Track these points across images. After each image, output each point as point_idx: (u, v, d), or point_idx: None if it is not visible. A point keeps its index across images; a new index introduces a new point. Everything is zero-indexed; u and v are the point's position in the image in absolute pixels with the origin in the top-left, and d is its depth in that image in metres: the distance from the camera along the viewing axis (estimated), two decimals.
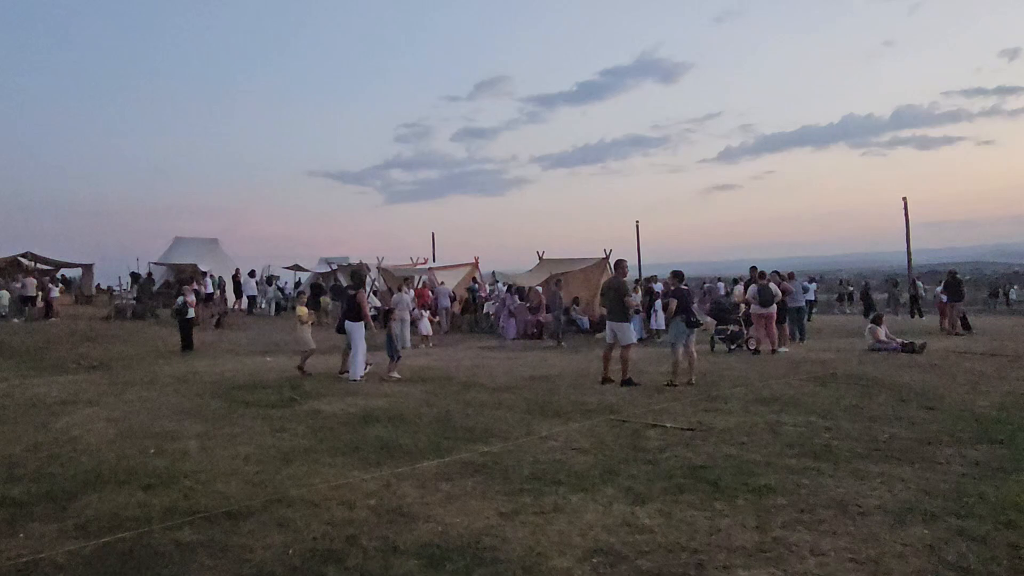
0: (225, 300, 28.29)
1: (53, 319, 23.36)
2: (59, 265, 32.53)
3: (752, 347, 14.05)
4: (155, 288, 28.89)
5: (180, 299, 17.52)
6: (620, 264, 10.41)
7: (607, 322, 10.29)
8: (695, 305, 10.15)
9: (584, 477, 5.51)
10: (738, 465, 5.79)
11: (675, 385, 9.77)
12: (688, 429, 7.09)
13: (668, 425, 7.27)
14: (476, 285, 26.07)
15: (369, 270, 28.56)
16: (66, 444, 6.76)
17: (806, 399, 8.68)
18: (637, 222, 38.52)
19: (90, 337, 19.30)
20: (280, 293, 29.33)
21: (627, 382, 9.92)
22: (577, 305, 22.14)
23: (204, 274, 27.90)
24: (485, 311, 23.34)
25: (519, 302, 21.11)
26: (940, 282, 21.18)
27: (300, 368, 11.53)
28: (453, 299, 23.78)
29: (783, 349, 13.81)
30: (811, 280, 25.40)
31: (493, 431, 7.19)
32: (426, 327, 18.30)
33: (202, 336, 19.57)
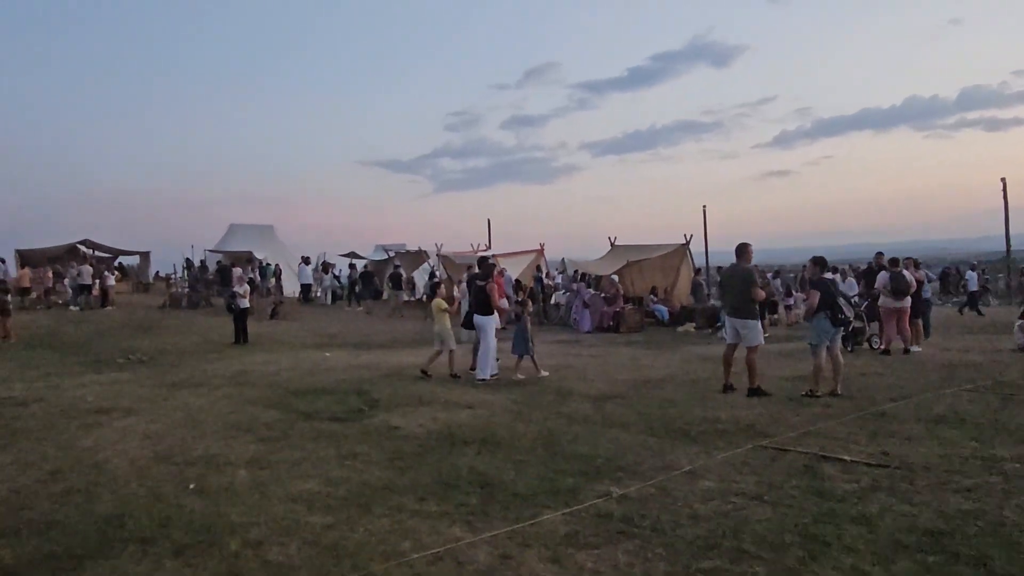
0: (281, 289, 27.40)
1: (109, 307, 22.77)
2: (117, 253, 32.25)
3: (878, 346, 12.13)
4: (209, 275, 28.22)
5: (233, 290, 16.44)
6: (744, 249, 8.55)
7: (728, 319, 8.58)
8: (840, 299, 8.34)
9: (779, 547, 3.88)
10: (993, 529, 4.07)
11: (816, 395, 8.02)
12: (880, 465, 5.36)
13: (847, 458, 5.56)
14: (541, 274, 24.45)
15: (428, 257, 27.29)
16: (90, 471, 5.45)
17: (1004, 420, 6.82)
18: (704, 206, 36.08)
19: (143, 327, 18.48)
20: (336, 281, 28.23)
21: (755, 391, 8.21)
22: (655, 295, 20.38)
23: (258, 262, 27.05)
24: (554, 302, 21.69)
25: (592, 292, 19.45)
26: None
27: (453, 374, 10.12)
28: (517, 288, 22.13)
29: (916, 348, 11.85)
30: (972, 268, 21.89)
31: (617, 461, 5.61)
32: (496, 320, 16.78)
33: (257, 327, 18.52)
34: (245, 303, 15.83)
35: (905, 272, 11.65)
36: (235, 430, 6.71)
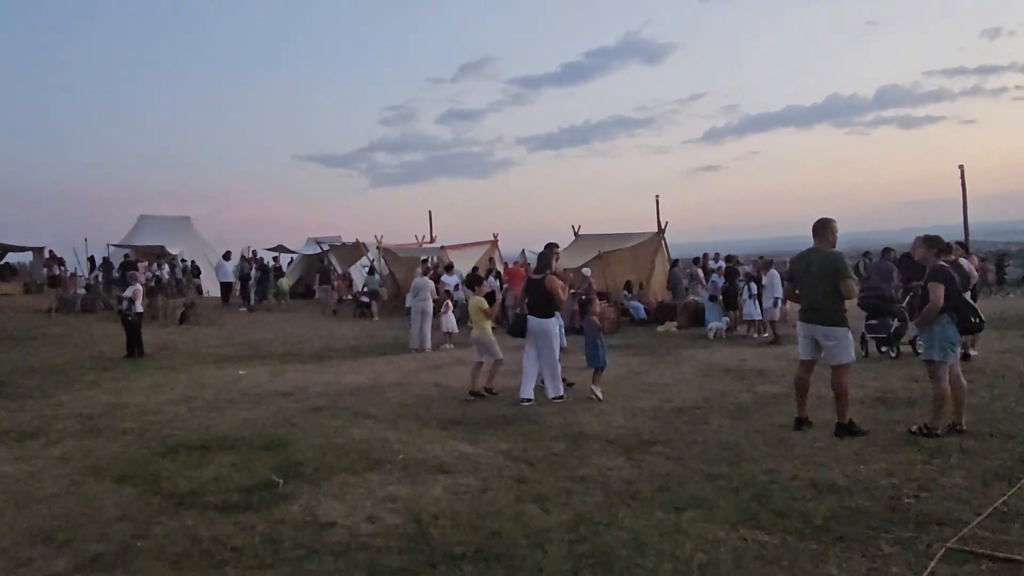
0: (198, 289, 23.94)
1: None
2: (3, 249, 27.99)
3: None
4: (114, 273, 24.46)
5: (128, 290, 13.24)
6: (825, 226, 6.02)
7: (804, 324, 6.11)
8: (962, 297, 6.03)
9: None
10: None
11: (936, 434, 5.67)
12: None
13: None
14: (495, 267, 21.78)
15: (367, 250, 24.29)
16: None
17: None
18: (657, 196, 33.97)
19: (16, 338, 15.03)
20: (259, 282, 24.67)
21: (847, 428, 5.80)
22: (629, 291, 18.02)
23: (169, 258, 23.53)
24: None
25: None
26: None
27: (488, 390, 8.36)
28: (458, 286, 19.09)
29: (973, 352, 9.75)
30: None
31: None
32: (451, 322, 14.11)
33: (163, 335, 15.35)
34: (137, 307, 12.69)
35: (963, 261, 9.47)
36: (43, 540, 3.83)
